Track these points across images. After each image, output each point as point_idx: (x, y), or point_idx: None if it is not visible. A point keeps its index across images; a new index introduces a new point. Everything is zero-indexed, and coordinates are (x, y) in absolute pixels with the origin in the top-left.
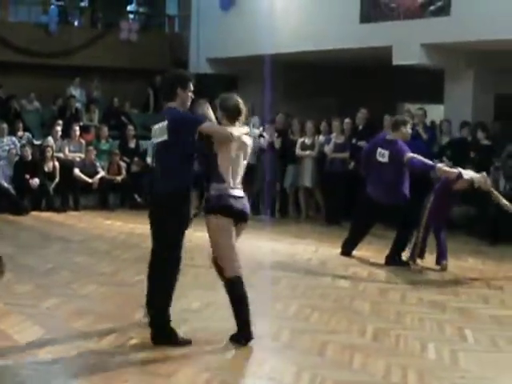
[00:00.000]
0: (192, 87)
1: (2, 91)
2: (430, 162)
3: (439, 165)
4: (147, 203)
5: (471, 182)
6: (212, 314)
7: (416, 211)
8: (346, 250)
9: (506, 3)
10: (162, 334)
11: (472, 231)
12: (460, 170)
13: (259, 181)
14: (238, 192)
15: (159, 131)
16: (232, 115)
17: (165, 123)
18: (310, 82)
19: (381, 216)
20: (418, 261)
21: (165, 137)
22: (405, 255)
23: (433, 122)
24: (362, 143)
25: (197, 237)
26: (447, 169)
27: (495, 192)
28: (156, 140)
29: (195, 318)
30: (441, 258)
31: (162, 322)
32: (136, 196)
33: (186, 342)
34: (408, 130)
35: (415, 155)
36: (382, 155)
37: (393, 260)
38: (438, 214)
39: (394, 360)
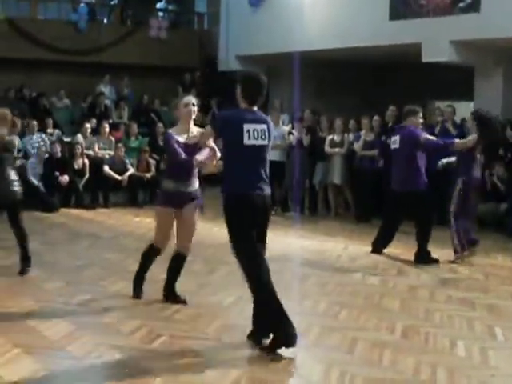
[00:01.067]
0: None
1: (32, 88)
2: (448, 140)
3: (457, 140)
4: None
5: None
6: (241, 310)
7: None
8: (376, 248)
9: None
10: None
11: (501, 228)
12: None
13: (288, 178)
14: None
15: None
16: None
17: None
18: (339, 79)
19: (403, 208)
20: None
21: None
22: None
23: (463, 119)
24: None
25: (226, 234)
26: (464, 140)
27: None
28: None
29: (226, 315)
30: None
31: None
32: None
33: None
34: (418, 119)
35: (430, 136)
36: (394, 142)
37: (421, 258)
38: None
39: (424, 357)
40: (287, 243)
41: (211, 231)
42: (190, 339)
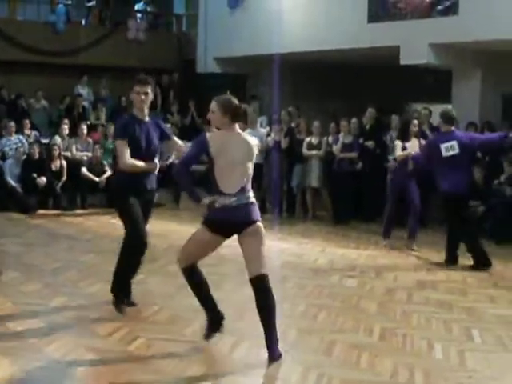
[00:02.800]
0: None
1: (10, 90)
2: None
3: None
4: None
5: None
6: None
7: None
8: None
9: None
10: None
11: (480, 230)
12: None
13: (266, 180)
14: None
15: None
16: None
17: None
18: (318, 81)
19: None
20: None
21: None
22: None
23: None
24: (370, 143)
25: None
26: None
27: None
28: None
29: (203, 317)
30: None
31: None
32: None
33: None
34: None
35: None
36: (452, 147)
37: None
38: None
39: (401, 360)
40: (265, 245)
41: (188, 233)
42: (168, 341)
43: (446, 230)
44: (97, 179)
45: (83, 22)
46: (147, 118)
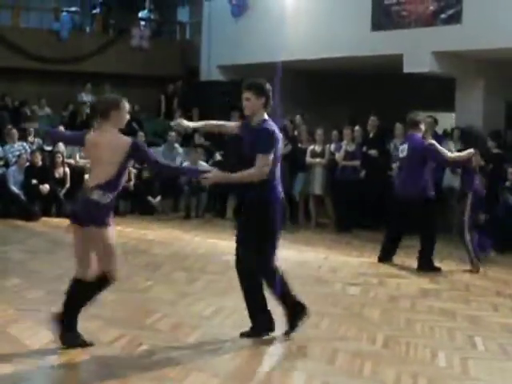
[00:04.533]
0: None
1: (14, 97)
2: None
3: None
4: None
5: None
6: (223, 320)
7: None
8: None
9: None
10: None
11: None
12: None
13: None
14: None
15: None
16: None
17: None
18: (321, 89)
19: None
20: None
21: None
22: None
23: (445, 130)
24: (373, 152)
25: (208, 243)
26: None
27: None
28: None
29: (207, 324)
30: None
31: None
32: (150, 199)
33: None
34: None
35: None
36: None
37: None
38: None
39: (405, 368)
40: None
41: (192, 241)
42: (171, 349)
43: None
44: None
45: (87, 29)
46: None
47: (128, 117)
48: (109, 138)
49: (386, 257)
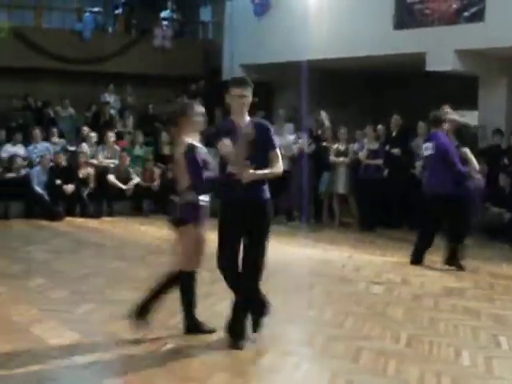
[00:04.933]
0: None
1: (36, 98)
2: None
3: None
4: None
5: None
6: (247, 320)
7: None
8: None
9: None
10: None
11: (506, 237)
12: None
13: (294, 187)
14: None
15: None
16: None
17: None
18: (344, 88)
19: None
20: None
21: None
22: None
23: None
24: (396, 151)
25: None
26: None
27: None
28: None
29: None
30: None
31: None
32: (174, 198)
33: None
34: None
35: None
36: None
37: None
38: None
39: (428, 367)
40: (292, 252)
41: (216, 241)
42: (195, 348)
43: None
44: (124, 186)
45: (109, 29)
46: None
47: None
48: None
49: (418, 259)
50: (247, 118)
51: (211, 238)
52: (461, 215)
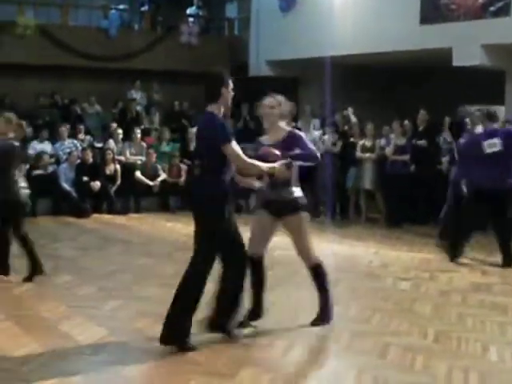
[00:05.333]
0: (232, 84)
1: (63, 95)
2: None
3: None
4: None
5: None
6: (274, 315)
7: None
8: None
9: None
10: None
11: None
12: None
13: (320, 183)
14: None
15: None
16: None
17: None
18: (369, 83)
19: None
20: None
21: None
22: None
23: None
24: (422, 142)
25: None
26: None
27: None
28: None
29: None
30: None
31: None
32: None
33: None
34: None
35: None
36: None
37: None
38: None
39: (456, 362)
40: (318, 248)
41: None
42: (223, 344)
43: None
44: (151, 183)
45: (136, 26)
46: None
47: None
48: None
49: (455, 253)
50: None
51: None
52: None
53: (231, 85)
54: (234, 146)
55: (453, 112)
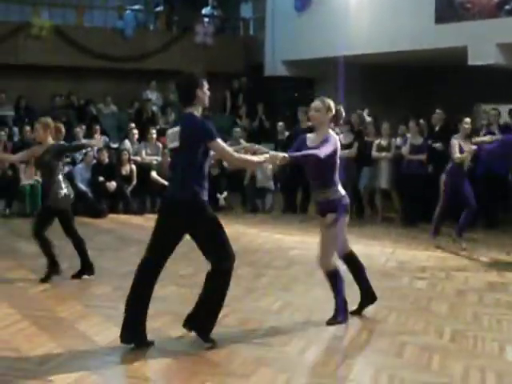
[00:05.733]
0: (207, 85)
1: (79, 96)
2: None
3: None
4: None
5: None
6: (290, 315)
7: None
8: None
9: None
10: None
11: None
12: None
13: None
14: None
15: (172, 136)
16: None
17: (178, 129)
18: (385, 83)
19: None
20: None
21: (176, 143)
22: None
23: (506, 123)
24: (438, 145)
25: (275, 238)
26: None
27: None
28: (170, 145)
29: (274, 319)
30: None
31: None
32: (218, 196)
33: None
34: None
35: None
36: None
37: None
38: None
39: (472, 362)
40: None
41: (258, 236)
42: (239, 344)
43: None
44: (166, 183)
45: (151, 27)
46: None
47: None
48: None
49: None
50: None
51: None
52: None
53: (206, 85)
54: (220, 142)
55: (468, 111)
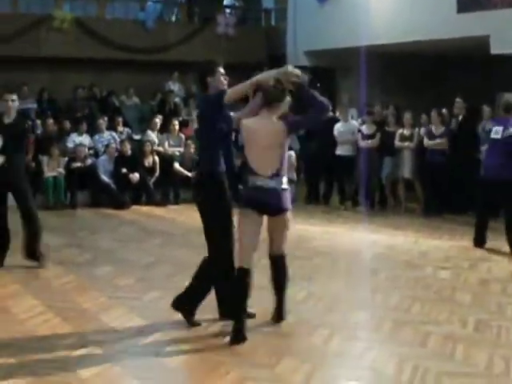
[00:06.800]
0: (222, 70)
1: (102, 87)
2: None
3: None
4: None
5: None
6: (314, 305)
7: None
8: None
9: None
10: None
11: None
12: None
13: (357, 172)
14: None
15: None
16: None
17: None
18: (407, 73)
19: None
20: None
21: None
22: None
23: None
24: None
25: (298, 229)
26: None
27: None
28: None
29: (299, 309)
30: None
31: None
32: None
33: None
34: None
35: None
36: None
37: None
38: None
39: (497, 351)
40: (357, 238)
41: None
42: (263, 334)
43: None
44: (189, 174)
45: (172, 18)
46: None
47: None
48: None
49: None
50: None
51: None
52: None
53: (220, 71)
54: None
55: (491, 100)
